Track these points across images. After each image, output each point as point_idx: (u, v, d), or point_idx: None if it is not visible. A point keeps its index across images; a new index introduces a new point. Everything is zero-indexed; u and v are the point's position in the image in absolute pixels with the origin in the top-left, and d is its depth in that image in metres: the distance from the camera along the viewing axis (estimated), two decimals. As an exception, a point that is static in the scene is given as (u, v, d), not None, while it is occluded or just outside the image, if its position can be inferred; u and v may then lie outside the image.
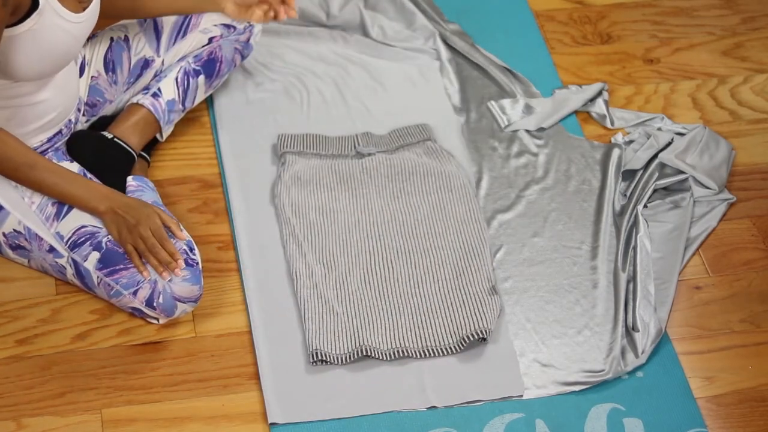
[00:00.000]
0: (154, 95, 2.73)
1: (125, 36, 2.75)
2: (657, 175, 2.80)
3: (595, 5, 3.28)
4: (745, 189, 2.83)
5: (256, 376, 2.46)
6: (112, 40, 2.74)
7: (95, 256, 2.47)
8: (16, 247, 2.55)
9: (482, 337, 2.48)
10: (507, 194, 2.80)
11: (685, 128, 2.92)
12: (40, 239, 2.51)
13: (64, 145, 2.64)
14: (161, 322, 2.51)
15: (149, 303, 2.46)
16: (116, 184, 2.59)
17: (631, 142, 2.90)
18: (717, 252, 2.71)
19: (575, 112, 2.99)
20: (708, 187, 2.80)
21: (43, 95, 2.51)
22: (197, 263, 2.48)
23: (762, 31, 3.22)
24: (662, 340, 2.53)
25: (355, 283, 2.60)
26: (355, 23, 3.16)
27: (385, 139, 2.87)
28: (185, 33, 2.78)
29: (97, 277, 2.48)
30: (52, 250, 2.50)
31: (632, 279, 2.61)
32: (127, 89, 2.77)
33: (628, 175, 2.83)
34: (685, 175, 2.80)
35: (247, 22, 2.83)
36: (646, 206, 2.76)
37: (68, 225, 2.49)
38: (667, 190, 2.80)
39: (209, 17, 2.79)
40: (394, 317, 2.54)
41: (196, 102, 2.82)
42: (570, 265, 2.66)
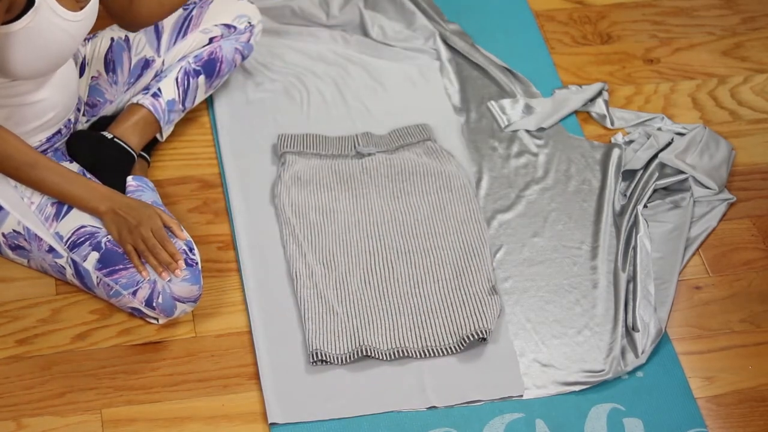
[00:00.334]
0: (155, 95, 2.73)
1: (126, 36, 2.75)
2: (657, 175, 2.80)
3: (595, 5, 3.28)
4: (745, 189, 2.83)
5: (256, 376, 2.45)
6: (113, 40, 2.74)
7: (94, 256, 2.47)
8: (16, 248, 2.55)
9: (482, 337, 2.48)
10: (507, 194, 2.79)
11: (685, 128, 2.92)
12: (40, 239, 2.50)
13: (63, 146, 2.64)
14: (161, 322, 2.51)
15: (149, 303, 2.45)
16: (116, 185, 2.58)
17: (631, 142, 2.90)
18: (717, 252, 2.71)
19: (575, 112, 2.99)
20: (708, 187, 2.79)
21: (41, 94, 2.50)
22: (197, 263, 2.48)
23: (762, 31, 3.22)
24: (662, 340, 2.53)
25: (355, 283, 2.59)
26: (355, 23, 3.16)
27: (385, 139, 2.87)
28: (186, 33, 2.77)
29: (97, 277, 2.47)
30: (51, 250, 2.50)
31: (632, 279, 2.61)
32: (128, 89, 2.76)
33: (628, 175, 2.83)
34: (685, 175, 2.80)
35: (248, 23, 2.83)
36: (646, 206, 2.75)
37: (67, 225, 2.49)
38: (667, 190, 2.80)
39: (209, 17, 2.79)
40: (394, 317, 2.53)
41: (197, 102, 2.82)
42: (570, 265, 2.66)
